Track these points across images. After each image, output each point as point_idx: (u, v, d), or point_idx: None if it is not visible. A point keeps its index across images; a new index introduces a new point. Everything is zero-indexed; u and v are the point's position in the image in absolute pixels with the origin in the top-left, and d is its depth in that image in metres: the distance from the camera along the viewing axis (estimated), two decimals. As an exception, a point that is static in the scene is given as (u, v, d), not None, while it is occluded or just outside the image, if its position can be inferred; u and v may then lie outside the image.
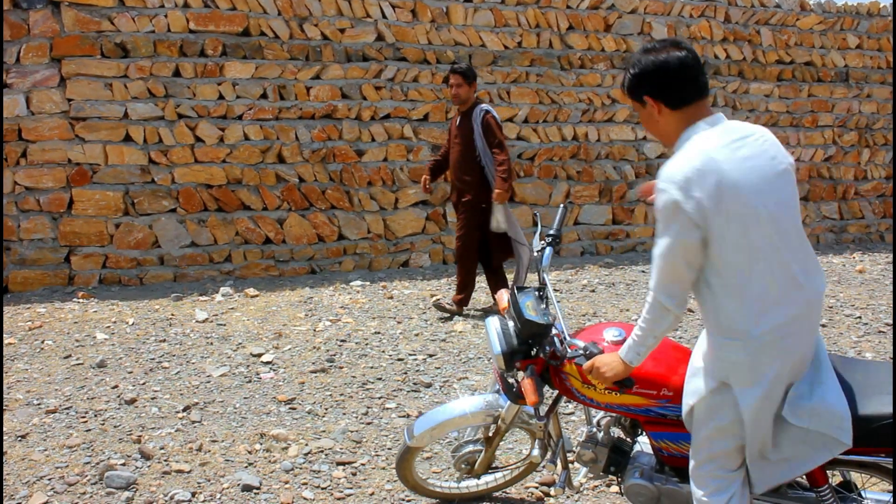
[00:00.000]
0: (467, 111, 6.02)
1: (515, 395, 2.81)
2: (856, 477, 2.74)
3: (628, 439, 2.86)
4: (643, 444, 2.80)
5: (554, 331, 2.68)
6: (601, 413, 2.86)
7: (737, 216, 2.06)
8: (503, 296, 2.94)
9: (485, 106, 5.99)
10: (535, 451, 2.87)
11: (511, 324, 2.76)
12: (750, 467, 2.30)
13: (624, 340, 2.51)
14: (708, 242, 2.09)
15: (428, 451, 3.77)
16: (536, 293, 2.79)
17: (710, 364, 2.26)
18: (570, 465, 2.95)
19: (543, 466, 3.24)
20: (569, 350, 2.57)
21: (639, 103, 2.26)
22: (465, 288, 6.21)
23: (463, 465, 3.16)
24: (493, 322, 2.80)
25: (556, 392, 2.84)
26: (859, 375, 2.37)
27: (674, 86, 2.18)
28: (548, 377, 2.73)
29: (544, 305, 2.74)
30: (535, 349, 2.71)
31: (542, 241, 2.99)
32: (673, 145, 2.24)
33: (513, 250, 6.03)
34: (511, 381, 2.85)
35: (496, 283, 6.25)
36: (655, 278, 2.16)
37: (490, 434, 3.11)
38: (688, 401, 2.35)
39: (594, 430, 2.83)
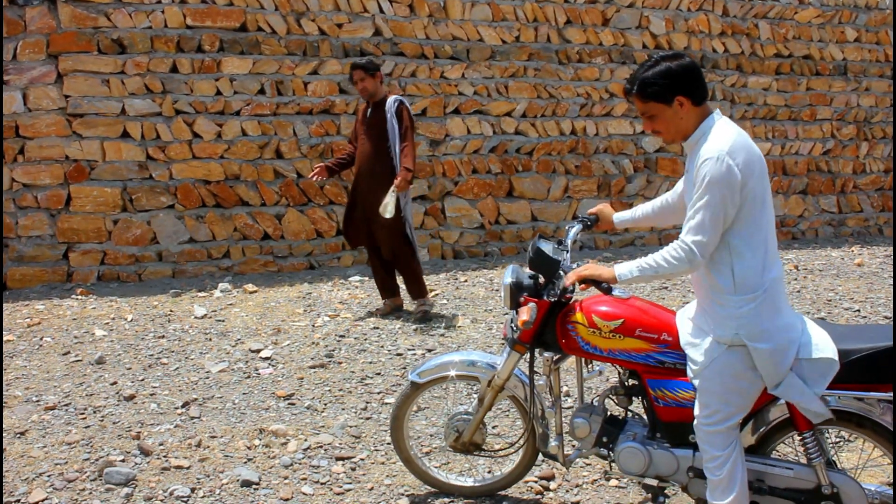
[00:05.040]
0: (379, 102, 5.89)
1: (513, 342, 2.98)
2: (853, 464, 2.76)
3: (621, 413, 3.04)
4: (633, 422, 2.96)
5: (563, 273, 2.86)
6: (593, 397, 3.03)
7: (759, 178, 2.51)
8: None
9: (398, 96, 5.90)
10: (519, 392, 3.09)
11: (526, 269, 3.02)
12: (794, 395, 2.56)
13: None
14: (741, 203, 2.48)
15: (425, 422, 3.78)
16: (557, 245, 3.00)
17: (719, 326, 2.56)
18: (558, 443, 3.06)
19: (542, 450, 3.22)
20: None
21: (664, 104, 2.57)
22: (420, 275, 6.07)
23: (453, 432, 3.20)
24: (511, 265, 3.08)
25: (560, 354, 3.01)
26: (844, 330, 2.67)
27: (698, 84, 2.57)
28: (553, 339, 2.91)
29: (564, 254, 2.94)
30: (542, 291, 2.90)
31: (575, 220, 3.19)
32: (685, 139, 2.63)
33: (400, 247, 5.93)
34: (513, 326, 3.00)
35: (385, 277, 6.13)
36: (699, 236, 2.49)
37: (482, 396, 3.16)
38: (696, 359, 2.61)
39: (589, 401, 3.03)
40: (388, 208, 5.63)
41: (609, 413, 2.99)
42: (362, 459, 3.70)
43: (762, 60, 9.83)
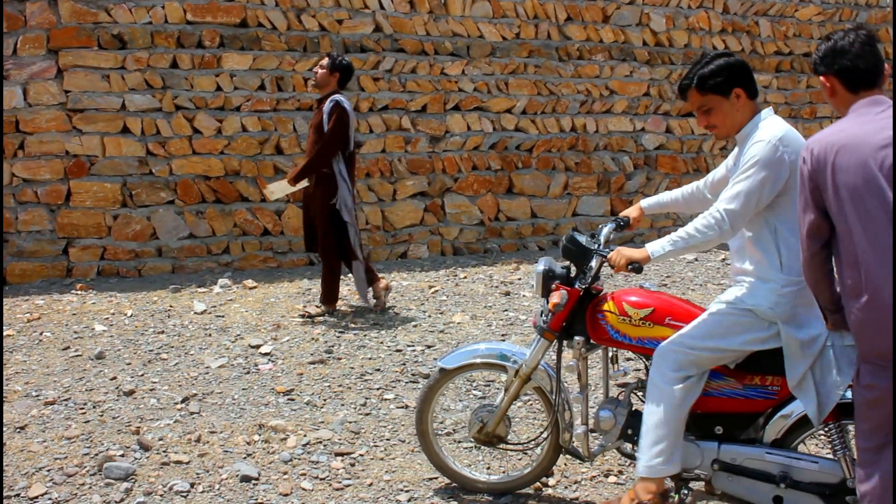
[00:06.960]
0: (323, 99, 5.82)
1: (542, 330, 3.02)
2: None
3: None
4: None
5: (596, 262, 2.93)
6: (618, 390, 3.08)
7: None
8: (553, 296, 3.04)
9: (339, 97, 5.72)
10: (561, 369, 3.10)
11: (559, 261, 3.11)
12: (805, 400, 2.61)
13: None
14: (785, 190, 2.59)
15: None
16: (590, 238, 3.05)
17: (756, 296, 2.65)
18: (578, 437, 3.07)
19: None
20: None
21: (723, 97, 2.71)
22: (331, 283, 5.95)
23: (477, 422, 3.20)
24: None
25: (589, 345, 3.04)
26: None
27: (751, 78, 2.75)
28: (583, 329, 2.98)
29: (596, 247, 2.98)
30: (574, 280, 2.98)
31: (608, 220, 3.29)
32: (735, 133, 2.75)
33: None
34: (543, 317, 3.04)
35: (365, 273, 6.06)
36: (733, 205, 2.59)
37: (508, 386, 3.16)
38: (721, 297, 2.74)
39: (615, 395, 3.07)
40: (271, 191, 5.80)
41: (634, 407, 3.02)
42: (361, 455, 3.71)
43: (762, 58, 9.83)
